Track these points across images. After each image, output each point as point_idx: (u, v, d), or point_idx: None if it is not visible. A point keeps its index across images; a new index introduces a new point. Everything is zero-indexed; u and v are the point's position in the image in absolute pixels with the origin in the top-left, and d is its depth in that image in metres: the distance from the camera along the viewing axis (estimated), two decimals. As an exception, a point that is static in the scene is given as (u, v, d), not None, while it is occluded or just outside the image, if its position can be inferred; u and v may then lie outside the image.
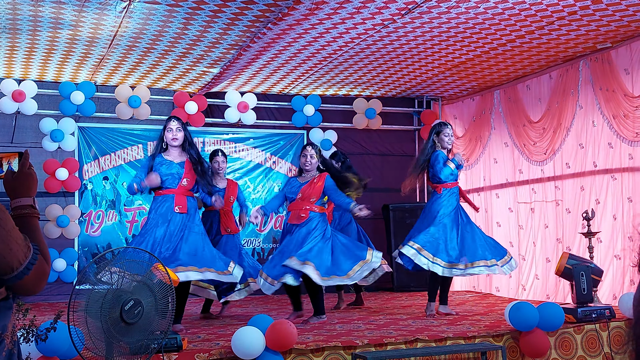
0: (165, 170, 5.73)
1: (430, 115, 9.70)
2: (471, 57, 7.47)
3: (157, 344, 3.82)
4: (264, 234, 9.22)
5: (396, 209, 9.12)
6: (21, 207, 1.97)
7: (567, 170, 7.56)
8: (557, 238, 7.65)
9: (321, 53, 7.29)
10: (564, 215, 7.56)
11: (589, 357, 5.48)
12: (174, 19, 6.08)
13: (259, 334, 4.59)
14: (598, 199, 7.07)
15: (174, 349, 4.48)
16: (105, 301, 3.58)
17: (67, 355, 4.22)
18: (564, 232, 7.55)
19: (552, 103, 7.72)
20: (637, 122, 6.57)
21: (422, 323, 5.88)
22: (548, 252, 7.76)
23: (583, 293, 5.65)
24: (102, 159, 8.59)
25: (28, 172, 2.02)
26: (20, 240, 1.81)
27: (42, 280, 1.87)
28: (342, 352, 4.84)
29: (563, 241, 7.54)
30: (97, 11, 5.89)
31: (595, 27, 6.31)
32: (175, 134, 5.77)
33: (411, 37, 6.72)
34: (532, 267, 8.00)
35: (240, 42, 6.79)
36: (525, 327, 5.21)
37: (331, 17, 6.08)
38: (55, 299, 8.03)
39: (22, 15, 6.00)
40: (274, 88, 9.03)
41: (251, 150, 9.24)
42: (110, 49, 7.03)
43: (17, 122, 8.29)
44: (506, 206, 8.57)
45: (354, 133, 9.68)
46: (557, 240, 7.64)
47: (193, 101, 8.63)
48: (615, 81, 6.82)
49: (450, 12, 5.97)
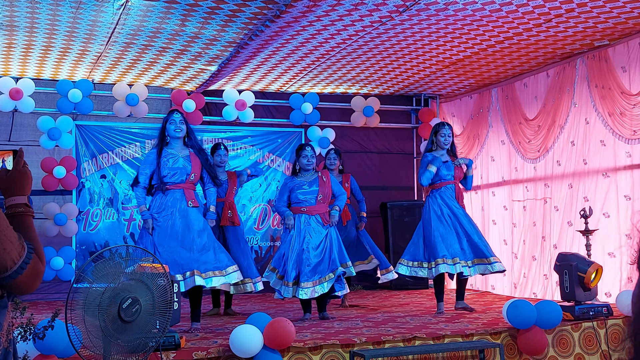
0: (172, 164, 5.66)
1: (428, 113, 9.70)
2: (469, 55, 7.47)
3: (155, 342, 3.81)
4: (262, 232, 9.21)
5: (394, 207, 9.12)
6: (15, 206, 1.96)
7: (558, 168, 7.55)
8: (542, 236, 7.66)
9: (319, 50, 7.29)
10: (552, 213, 7.56)
11: (587, 355, 5.48)
12: (171, 15, 6.07)
13: (257, 332, 4.59)
14: (586, 197, 7.07)
15: (172, 347, 4.48)
16: (103, 299, 3.58)
17: (64, 353, 4.22)
18: (551, 230, 7.55)
19: (548, 101, 7.72)
20: (634, 119, 6.56)
21: (420, 321, 5.88)
22: (535, 250, 7.78)
23: (566, 291, 5.69)
24: (100, 157, 8.58)
25: (22, 170, 2.01)
26: (14, 240, 1.80)
27: (37, 280, 1.86)
28: (340, 350, 4.84)
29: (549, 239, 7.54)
30: (95, 8, 5.88)
31: (593, 24, 6.31)
32: (179, 125, 5.72)
33: (409, 34, 6.72)
34: (523, 266, 8.01)
35: (237, 40, 6.78)
36: (523, 325, 5.22)
37: (329, 15, 6.07)
38: (53, 297, 8.02)
39: (20, 13, 5.99)
40: (272, 86, 9.03)
41: (249, 148, 9.23)
42: (107, 46, 7.02)
43: (14, 120, 8.28)
44: (502, 204, 8.57)
45: (352, 131, 9.68)
46: (543, 238, 7.65)
47: (191, 99, 8.62)
48: (613, 79, 6.82)
49: (447, 9, 5.97)
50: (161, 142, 5.73)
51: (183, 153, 5.73)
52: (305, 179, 6.24)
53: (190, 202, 5.61)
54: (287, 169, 9.25)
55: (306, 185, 6.21)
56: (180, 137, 5.73)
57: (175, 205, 5.59)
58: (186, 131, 5.76)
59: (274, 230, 9.21)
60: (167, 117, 5.82)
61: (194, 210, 5.64)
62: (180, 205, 5.59)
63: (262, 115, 9.27)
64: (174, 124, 5.71)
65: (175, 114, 5.77)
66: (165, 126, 5.75)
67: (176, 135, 5.71)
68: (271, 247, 9.16)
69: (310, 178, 6.25)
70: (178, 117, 5.75)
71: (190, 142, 5.79)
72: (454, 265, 6.20)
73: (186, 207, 5.60)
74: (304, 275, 5.96)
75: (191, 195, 5.66)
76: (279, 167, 9.33)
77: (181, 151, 5.74)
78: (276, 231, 9.20)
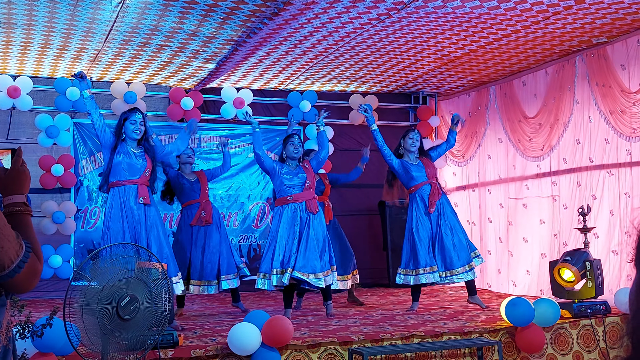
0: (126, 160, 5.63)
1: (427, 111, 9.70)
2: (467, 52, 7.47)
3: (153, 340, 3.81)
4: (260, 230, 9.21)
5: (392, 205, 9.11)
6: (14, 205, 1.96)
7: (564, 166, 7.56)
8: (554, 234, 7.66)
9: (317, 48, 7.28)
10: (561, 211, 7.57)
11: (585, 353, 5.49)
12: (169, 13, 6.07)
13: (255, 329, 4.59)
14: (594, 195, 7.08)
15: (170, 345, 4.49)
16: (101, 297, 3.58)
17: (63, 351, 4.22)
18: (560, 228, 7.56)
19: (548, 99, 7.72)
20: (634, 117, 6.57)
21: (418, 318, 5.88)
22: (544, 247, 7.77)
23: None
24: (98, 154, 8.56)
25: (21, 169, 2.01)
26: (12, 238, 1.80)
27: (34, 278, 1.86)
28: (339, 348, 4.84)
29: (559, 237, 7.55)
30: (93, 5, 5.87)
31: (591, 20, 6.31)
32: (139, 127, 5.69)
33: (407, 31, 6.72)
34: (523, 263, 8.01)
35: (236, 38, 6.78)
36: (521, 323, 5.22)
37: (327, 12, 6.07)
38: (51, 295, 8.01)
39: (17, 10, 5.98)
40: (270, 84, 9.02)
41: (247, 146, 9.23)
42: (105, 44, 7.01)
43: (12, 118, 8.27)
44: (497, 202, 8.58)
45: (351, 129, 9.67)
46: (554, 235, 7.65)
47: (189, 97, 8.61)
48: (612, 77, 6.82)
49: (445, 6, 5.97)
50: (117, 137, 5.68)
51: (137, 149, 5.71)
52: (290, 168, 6.25)
53: (141, 199, 5.60)
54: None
55: (291, 173, 6.20)
56: (137, 138, 5.70)
57: (126, 203, 5.57)
58: (144, 132, 5.73)
59: (273, 228, 9.20)
60: (127, 114, 5.74)
61: (144, 208, 5.63)
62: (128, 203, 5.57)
63: (260, 113, 9.26)
64: (135, 125, 5.68)
65: (137, 114, 5.71)
66: (123, 124, 5.70)
67: (133, 136, 5.67)
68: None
69: (294, 167, 6.27)
70: (139, 118, 5.70)
71: (145, 144, 5.75)
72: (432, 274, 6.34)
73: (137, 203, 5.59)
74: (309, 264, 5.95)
75: (144, 191, 5.64)
76: (278, 165, 9.32)
77: (136, 148, 5.71)
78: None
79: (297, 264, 5.93)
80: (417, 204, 6.53)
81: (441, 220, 6.47)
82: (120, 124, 5.71)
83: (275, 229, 6.09)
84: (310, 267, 5.95)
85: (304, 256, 5.96)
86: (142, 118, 5.74)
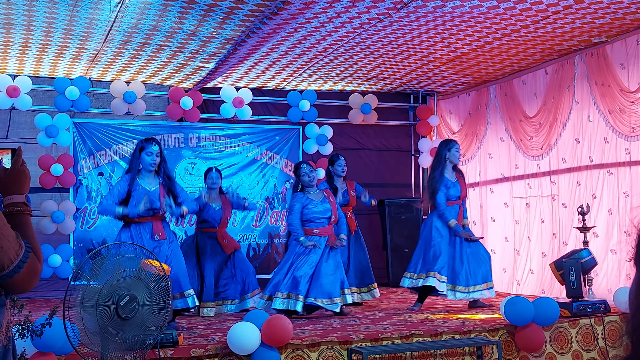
0: (139, 198, 5.54)
1: (426, 110, 9.70)
2: (466, 52, 7.47)
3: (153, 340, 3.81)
4: (260, 229, 9.21)
5: (392, 204, 9.12)
6: (13, 204, 1.96)
7: (563, 165, 7.57)
8: (553, 233, 7.66)
9: (316, 47, 7.28)
10: (560, 210, 7.57)
11: (584, 352, 5.49)
12: (169, 12, 6.07)
13: (255, 329, 4.59)
14: (594, 194, 7.08)
15: (170, 345, 4.49)
16: (101, 297, 3.58)
17: (62, 350, 4.22)
18: (559, 227, 7.56)
19: (548, 98, 7.73)
20: (633, 117, 6.58)
21: (417, 318, 5.89)
22: (544, 246, 7.77)
23: (572, 287, 5.68)
24: (98, 154, 8.57)
25: (21, 169, 2.01)
26: (11, 238, 1.80)
27: (34, 278, 1.86)
28: (338, 347, 4.85)
29: (559, 236, 7.55)
30: (92, 5, 5.87)
31: (591, 20, 6.32)
32: (155, 159, 5.59)
33: (406, 31, 6.72)
34: (527, 262, 8.02)
35: (235, 37, 6.78)
36: (521, 322, 5.23)
37: (326, 11, 6.07)
38: (51, 294, 8.01)
39: (17, 10, 5.98)
40: (270, 83, 9.02)
41: (247, 145, 9.23)
42: (105, 44, 7.01)
43: (11, 118, 8.27)
44: (501, 201, 8.57)
45: (350, 128, 9.67)
46: (553, 235, 7.65)
47: (188, 96, 8.61)
48: (611, 76, 6.83)
49: (445, 6, 5.97)
50: (134, 170, 5.59)
51: (153, 185, 5.62)
52: (313, 197, 6.18)
53: (157, 235, 5.58)
54: (285, 167, 9.25)
55: (319, 204, 6.14)
56: (153, 170, 5.63)
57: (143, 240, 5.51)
58: (160, 162, 5.65)
59: (272, 228, 9.20)
60: (144, 144, 5.63)
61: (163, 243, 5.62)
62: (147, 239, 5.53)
63: (259, 113, 9.27)
64: (151, 157, 5.58)
65: (153, 145, 5.59)
66: (140, 155, 5.61)
67: (149, 168, 5.59)
68: (269, 244, 9.15)
69: (318, 197, 6.20)
70: (156, 150, 5.59)
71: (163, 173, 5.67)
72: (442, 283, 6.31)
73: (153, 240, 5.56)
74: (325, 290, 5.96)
75: (159, 227, 5.61)
76: (277, 165, 9.32)
77: (152, 182, 5.63)
78: (274, 228, 9.19)
79: (310, 291, 5.95)
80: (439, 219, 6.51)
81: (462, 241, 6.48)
82: (137, 155, 5.62)
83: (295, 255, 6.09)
84: (327, 293, 5.97)
85: (319, 282, 5.97)
86: (159, 149, 5.63)
